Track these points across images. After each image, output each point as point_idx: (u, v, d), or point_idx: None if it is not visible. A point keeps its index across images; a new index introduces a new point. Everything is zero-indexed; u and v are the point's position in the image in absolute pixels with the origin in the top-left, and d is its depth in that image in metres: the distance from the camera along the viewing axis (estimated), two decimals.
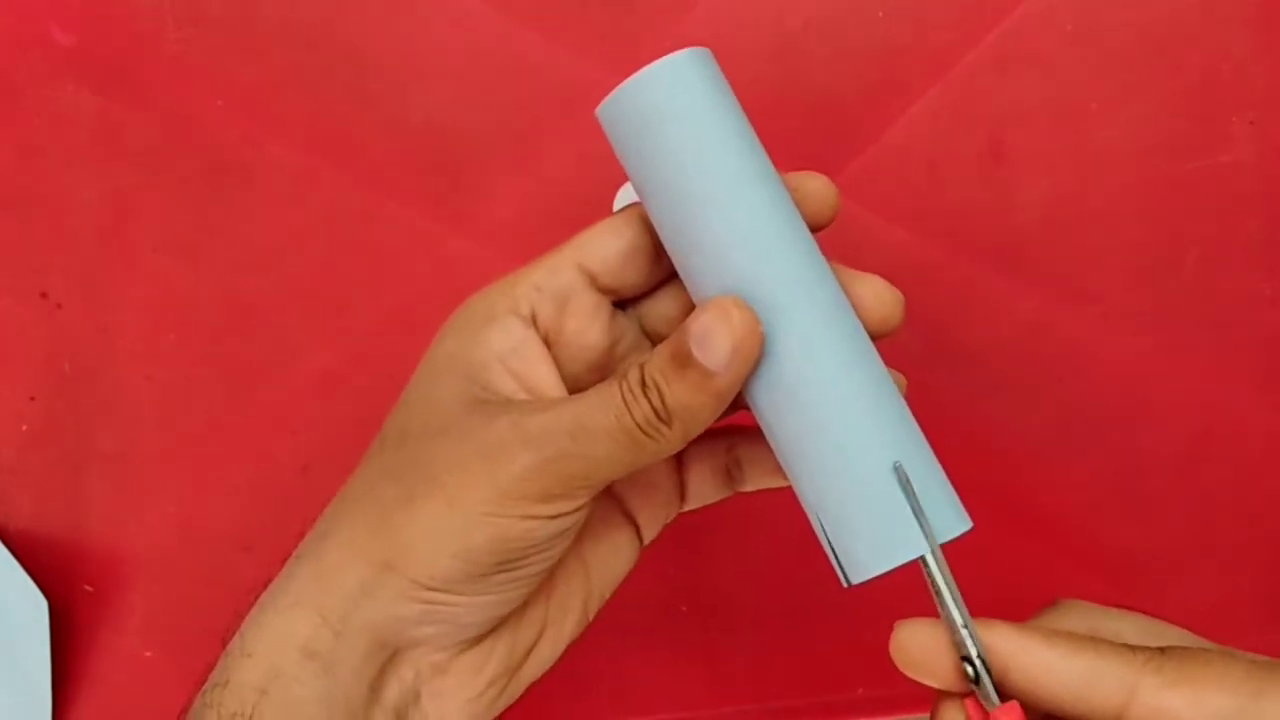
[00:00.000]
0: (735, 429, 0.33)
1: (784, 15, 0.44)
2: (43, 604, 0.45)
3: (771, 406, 0.29)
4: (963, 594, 0.28)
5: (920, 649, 0.28)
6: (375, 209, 0.45)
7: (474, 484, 0.28)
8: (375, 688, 0.29)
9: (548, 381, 0.30)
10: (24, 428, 0.46)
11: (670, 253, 0.30)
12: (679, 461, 0.34)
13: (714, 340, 0.27)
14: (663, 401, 0.27)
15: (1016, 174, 0.45)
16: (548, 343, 0.31)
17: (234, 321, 0.46)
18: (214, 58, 0.45)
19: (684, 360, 0.27)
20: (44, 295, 0.46)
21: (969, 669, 0.27)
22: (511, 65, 0.45)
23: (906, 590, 0.30)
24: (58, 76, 0.45)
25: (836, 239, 0.31)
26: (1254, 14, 0.44)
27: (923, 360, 0.45)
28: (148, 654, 0.47)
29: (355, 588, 0.29)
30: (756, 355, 0.28)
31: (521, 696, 0.32)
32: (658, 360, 0.28)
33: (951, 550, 0.28)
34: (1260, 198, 0.45)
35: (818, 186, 0.30)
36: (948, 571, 0.28)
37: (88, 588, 0.46)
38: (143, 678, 0.47)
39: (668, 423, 0.27)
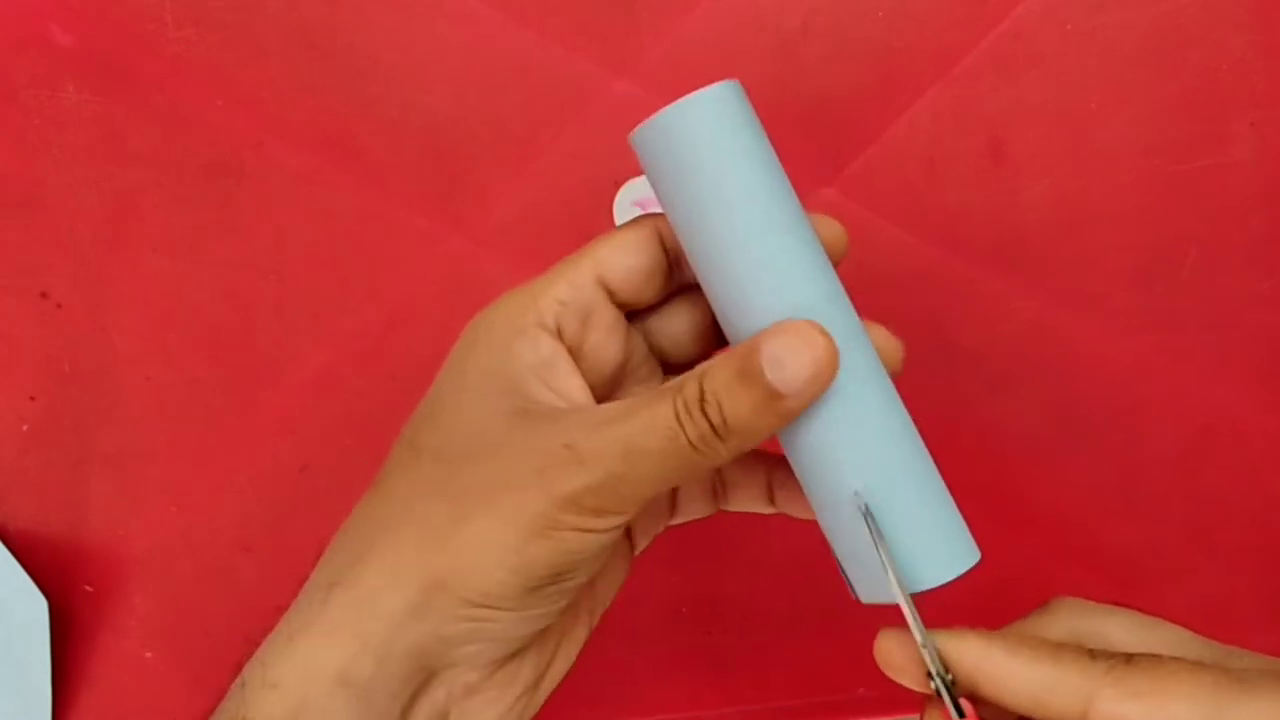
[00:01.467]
0: None
1: (784, 15, 0.44)
2: (43, 604, 0.45)
3: (798, 441, 0.29)
4: (962, 593, 0.28)
5: (897, 656, 0.29)
6: (375, 209, 0.45)
7: (530, 502, 0.28)
8: (406, 712, 0.29)
9: (581, 396, 0.30)
10: (24, 428, 0.46)
11: (702, 278, 0.29)
12: None
13: (793, 363, 0.27)
14: (723, 418, 0.27)
15: (1016, 174, 0.45)
16: (572, 356, 0.30)
17: (234, 321, 0.46)
18: (214, 58, 0.45)
19: (752, 379, 0.27)
20: (44, 295, 0.46)
21: (931, 684, 0.27)
22: (511, 65, 0.45)
23: None
24: (58, 76, 0.45)
25: None
26: (1254, 14, 0.44)
27: (922, 360, 0.45)
28: (148, 654, 0.47)
29: (401, 610, 0.28)
30: (831, 381, 0.27)
31: (540, 710, 0.32)
32: (721, 377, 0.27)
33: None
34: (1260, 198, 0.45)
35: (833, 232, 0.30)
36: (911, 602, 0.28)
37: (88, 588, 0.46)
38: (143, 678, 0.47)
39: (724, 439, 0.27)
